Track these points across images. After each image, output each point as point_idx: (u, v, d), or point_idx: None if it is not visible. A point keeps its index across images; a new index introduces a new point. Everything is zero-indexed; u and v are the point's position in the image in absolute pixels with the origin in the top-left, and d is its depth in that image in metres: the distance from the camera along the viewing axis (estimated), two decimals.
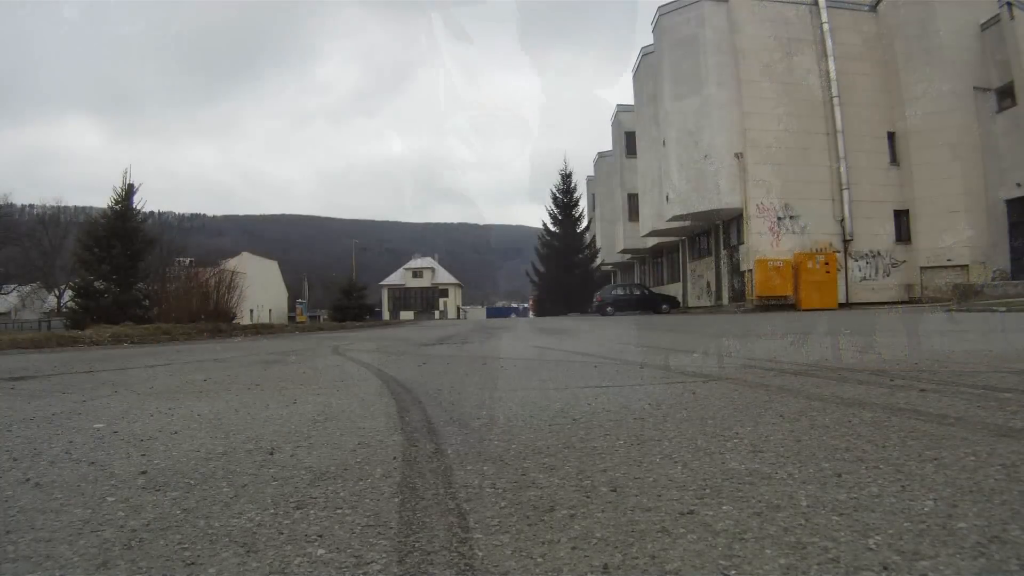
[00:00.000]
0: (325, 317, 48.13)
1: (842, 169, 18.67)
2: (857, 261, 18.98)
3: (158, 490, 0.98)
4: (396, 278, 70.45)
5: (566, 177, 33.94)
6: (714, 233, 21.71)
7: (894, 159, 19.20)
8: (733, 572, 0.60)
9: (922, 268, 18.74)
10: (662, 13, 20.20)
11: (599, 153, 35.62)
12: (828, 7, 18.97)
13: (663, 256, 28.21)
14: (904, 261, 19.10)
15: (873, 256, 19.10)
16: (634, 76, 25.94)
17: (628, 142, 28.59)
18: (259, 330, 13.36)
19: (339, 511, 0.85)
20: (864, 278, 19.02)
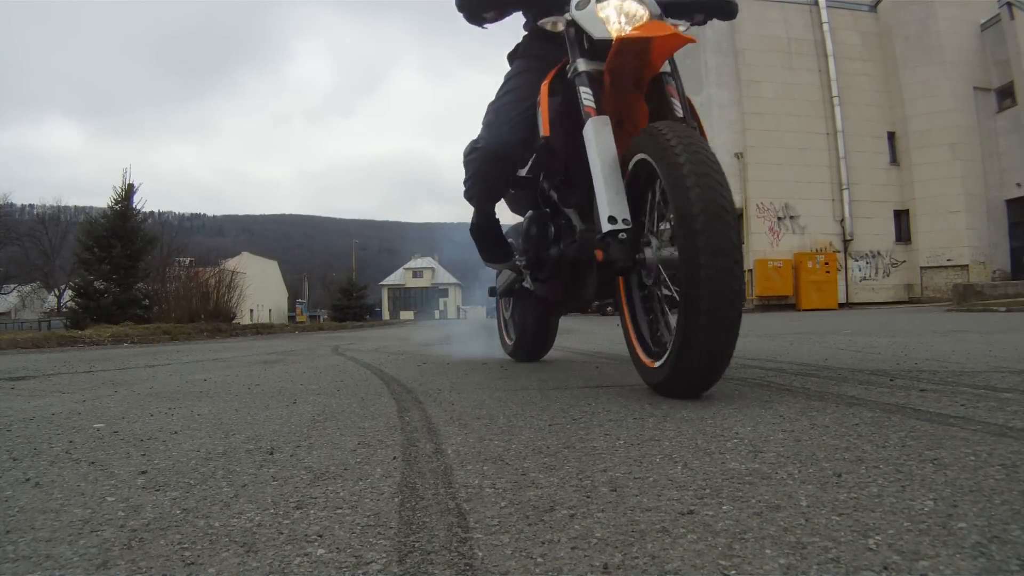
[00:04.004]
0: (325, 317, 48.15)
1: (842, 169, 18.68)
2: (857, 261, 18.99)
3: (158, 490, 0.98)
4: (396, 278, 70.41)
5: None
6: None
7: (894, 159, 19.21)
8: (733, 572, 0.60)
9: (922, 268, 18.75)
10: None
11: None
12: (828, 7, 18.97)
13: None
14: (904, 261, 19.11)
15: (873, 256, 19.11)
16: None
17: None
18: (259, 330, 13.36)
19: (339, 511, 0.85)
20: (864, 278, 19.04)
